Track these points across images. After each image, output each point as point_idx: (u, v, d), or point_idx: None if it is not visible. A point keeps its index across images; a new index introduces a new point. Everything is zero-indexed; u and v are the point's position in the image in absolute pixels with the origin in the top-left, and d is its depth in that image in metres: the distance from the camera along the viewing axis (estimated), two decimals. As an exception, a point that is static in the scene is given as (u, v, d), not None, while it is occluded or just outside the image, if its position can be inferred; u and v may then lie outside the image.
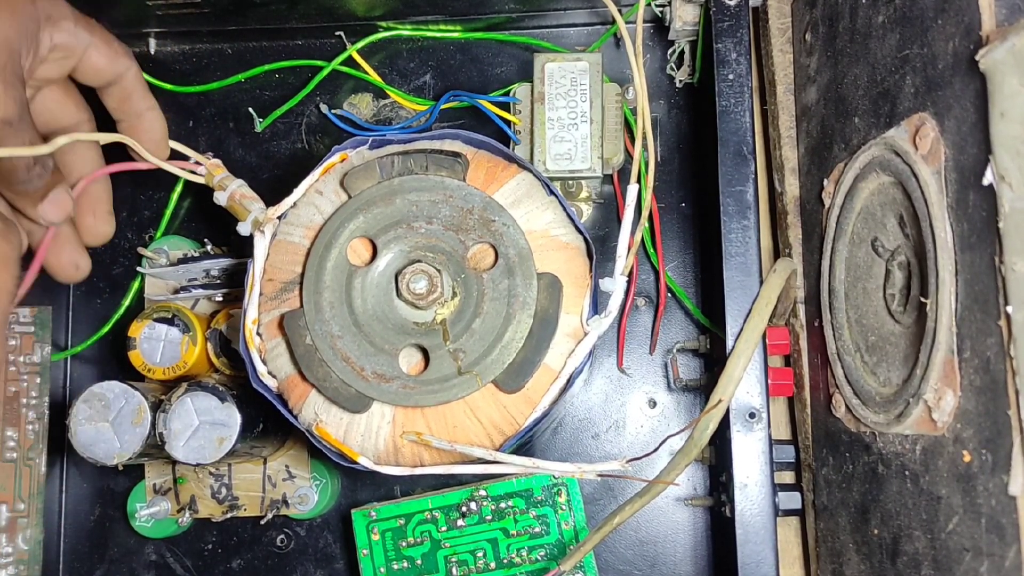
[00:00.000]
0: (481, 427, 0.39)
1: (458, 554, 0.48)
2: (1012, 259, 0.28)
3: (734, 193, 0.44)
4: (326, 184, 0.42)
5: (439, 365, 0.39)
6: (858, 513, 0.41)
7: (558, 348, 0.39)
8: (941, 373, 0.33)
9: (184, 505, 0.51)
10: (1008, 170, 0.28)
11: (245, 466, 0.51)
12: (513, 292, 0.39)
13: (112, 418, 0.45)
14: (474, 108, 0.52)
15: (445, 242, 0.39)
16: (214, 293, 0.52)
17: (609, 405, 0.53)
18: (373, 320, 0.39)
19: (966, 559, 0.32)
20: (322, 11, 0.52)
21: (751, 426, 0.42)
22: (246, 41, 0.56)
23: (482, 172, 0.41)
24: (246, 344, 0.40)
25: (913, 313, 0.37)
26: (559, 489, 0.48)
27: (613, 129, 0.50)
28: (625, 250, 0.40)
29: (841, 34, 0.43)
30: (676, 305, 0.53)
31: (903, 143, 0.36)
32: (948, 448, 0.33)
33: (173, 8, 0.51)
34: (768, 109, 0.52)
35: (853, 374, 0.41)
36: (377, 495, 0.53)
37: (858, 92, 0.41)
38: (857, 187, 0.41)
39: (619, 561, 0.52)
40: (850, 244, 0.42)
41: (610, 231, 0.54)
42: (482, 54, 0.56)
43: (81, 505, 0.54)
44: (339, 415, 0.39)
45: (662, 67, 0.54)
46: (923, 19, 0.35)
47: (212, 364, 0.50)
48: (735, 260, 0.43)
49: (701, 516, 0.52)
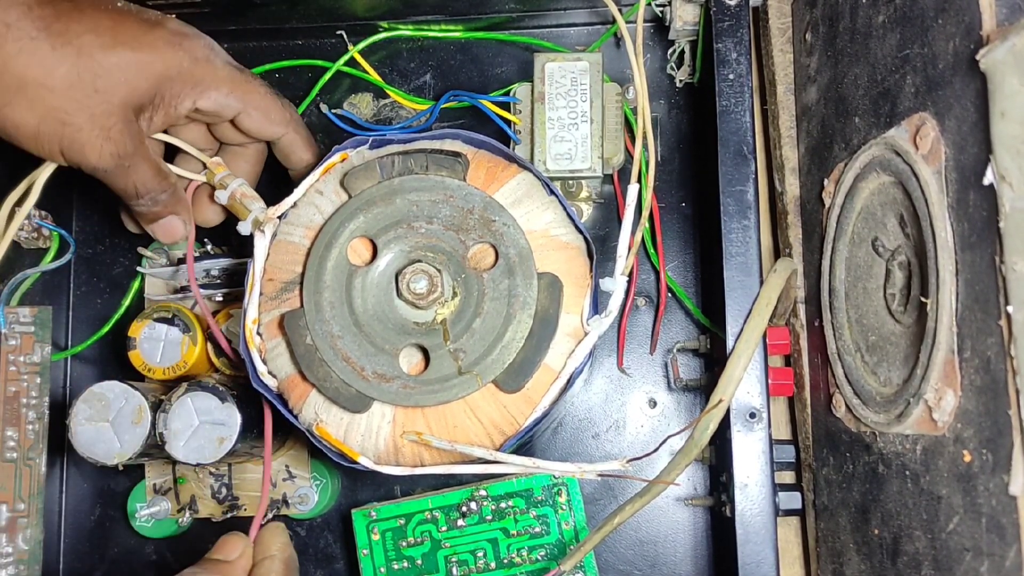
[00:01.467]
0: (481, 427, 0.39)
1: (458, 554, 0.48)
2: (1012, 259, 0.28)
3: (734, 193, 0.44)
4: (326, 184, 0.41)
5: (439, 365, 0.39)
6: (858, 513, 0.41)
7: (558, 348, 0.39)
8: (941, 373, 0.33)
9: (184, 505, 0.51)
10: (1008, 170, 0.28)
11: (245, 466, 0.51)
12: (513, 292, 0.39)
13: (112, 418, 0.45)
14: (474, 108, 0.52)
15: (445, 242, 0.39)
16: (214, 293, 0.52)
17: (609, 405, 0.53)
18: (373, 320, 0.39)
19: (966, 559, 0.32)
20: (322, 11, 0.52)
21: (751, 426, 0.42)
22: (246, 41, 0.56)
23: (482, 172, 0.41)
24: (246, 344, 0.40)
25: (913, 313, 0.37)
26: (559, 489, 0.48)
27: (613, 129, 0.50)
28: (625, 250, 0.40)
29: (841, 34, 0.43)
30: (676, 305, 0.53)
31: (903, 143, 0.36)
32: (948, 448, 0.33)
33: (173, 8, 0.51)
34: (768, 109, 0.52)
35: (853, 374, 0.41)
36: (377, 495, 0.53)
37: (858, 92, 0.41)
38: (857, 187, 0.41)
39: (619, 561, 0.52)
40: (850, 244, 0.42)
41: (610, 231, 0.54)
42: (482, 54, 0.56)
43: (81, 505, 0.54)
44: (339, 415, 0.39)
45: (662, 67, 0.54)
46: (923, 19, 0.35)
47: (212, 364, 0.50)
48: (735, 260, 0.43)
49: (701, 516, 0.52)
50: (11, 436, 0.50)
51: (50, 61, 0.40)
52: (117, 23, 0.42)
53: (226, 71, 0.45)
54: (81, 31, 0.41)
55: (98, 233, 0.56)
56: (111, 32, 0.41)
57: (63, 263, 0.52)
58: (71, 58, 0.40)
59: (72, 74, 0.40)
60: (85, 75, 0.40)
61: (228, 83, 0.44)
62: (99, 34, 0.41)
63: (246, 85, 0.45)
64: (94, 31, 0.41)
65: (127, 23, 0.42)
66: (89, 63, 0.40)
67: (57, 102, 0.40)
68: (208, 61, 0.44)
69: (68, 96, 0.40)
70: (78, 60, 0.40)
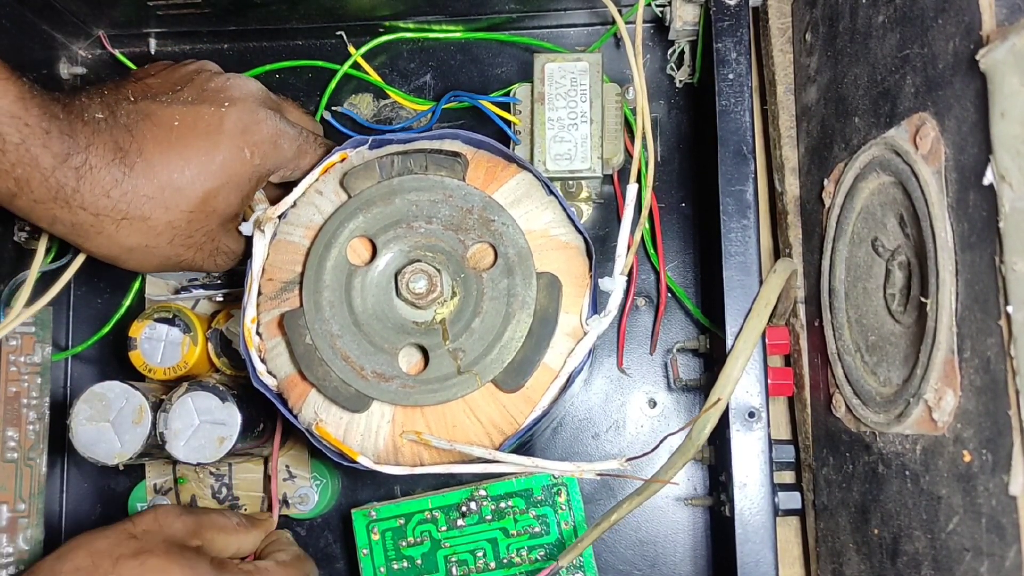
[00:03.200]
0: (481, 426, 0.39)
1: (458, 554, 0.48)
2: (1012, 259, 0.28)
3: (734, 193, 0.44)
4: (326, 184, 0.42)
5: (439, 364, 0.39)
6: (858, 513, 0.41)
7: (557, 347, 0.39)
8: (941, 373, 0.33)
9: (185, 505, 0.51)
10: (1008, 170, 0.28)
11: (245, 466, 0.51)
12: (512, 291, 0.39)
13: (112, 418, 0.45)
14: (474, 108, 0.52)
15: (445, 242, 0.39)
16: (214, 293, 0.52)
17: (609, 405, 0.53)
18: (373, 319, 0.39)
19: (966, 559, 0.32)
20: (323, 11, 0.52)
21: (751, 426, 0.42)
22: (246, 41, 0.56)
23: (482, 172, 0.41)
24: (246, 343, 0.40)
25: (913, 313, 0.37)
26: (559, 489, 0.48)
27: (613, 129, 0.50)
28: (625, 250, 0.40)
29: (841, 34, 0.43)
30: (676, 305, 0.53)
31: (903, 143, 0.36)
32: (948, 448, 0.33)
33: (173, 8, 0.51)
34: (768, 109, 0.52)
35: (853, 374, 0.41)
36: (377, 495, 0.53)
37: (858, 92, 0.41)
38: (857, 187, 0.41)
39: (619, 561, 0.52)
40: (850, 244, 0.42)
41: (610, 231, 0.53)
42: (482, 54, 0.56)
43: (82, 505, 0.54)
44: (339, 414, 0.39)
45: (662, 67, 0.54)
46: (923, 19, 0.35)
47: (212, 364, 0.50)
48: (735, 260, 0.43)
49: (701, 516, 0.52)
50: (12, 436, 0.50)
51: (157, 224, 0.40)
52: (186, 144, 0.40)
53: (292, 150, 0.44)
54: (161, 163, 0.40)
55: (98, 233, 0.56)
56: (195, 162, 0.40)
57: (63, 263, 0.52)
58: (162, 215, 0.40)
59: (180, 224, 0.41)
60: (178, 222, 0.41)
61: (294, 162, 0.44)
62: (184, 164, 0.40)
63: (303, 158, 0.44)
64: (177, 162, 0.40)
65: (197, 142, 0.41)
66: (175, 213, 0.41)
67: (164, 251, 0.41)
68: (277, 148, 0.43)
69: (173, 244, 0.41)
70: (176, 212, 0.40)
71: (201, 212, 0.41)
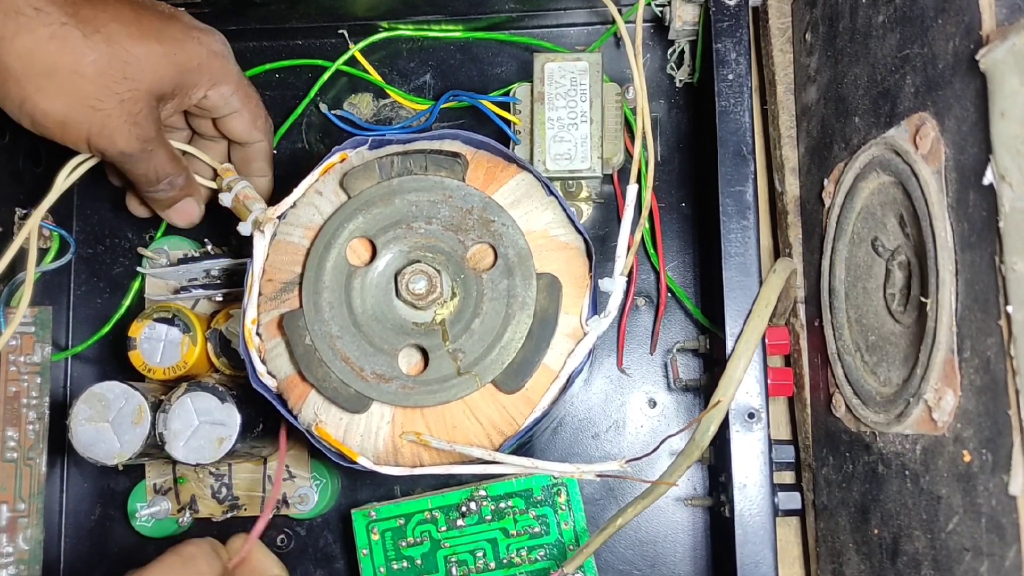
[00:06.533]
0: (480, 427, 0.39)
1: (458, 554, 0.48)
2: (1012, 259, 0.28)
3: (734, 193, 0.44)
4: (326, 184, 0.41)
5: (438, 365, 0.39)
6: (858, 513, 0.41)
7: (557, 348, 0.39)
8: (941, 373, 0.33)
9: (184, 505, 0.51)
10: (1008, 170, 0.28)
11: (245, 466, 0.51)
12: (512, 292, 0.39)
13: (112, 418, 0.45)
14: (474, 108, 0.52)
15: (444, 242, 0.39)
16: (214, 293, 0.52)
17: (609, 405, 0.53)
18: (372, 320, 0.39)
19: (966, 559, 0.32)
20: (322, 11, 0.52)
21: (750, 426, 0.42)
22: (246, 41, 0.56)
23: (481, 172, 0.41)
24: (245, 344, 0.40)
25: (913, 313, 0.37)
26: (559, 489, 0.48)
27: (613, 129, 0.50)
28: (625, 250, 0.40)
29: (841, 34, 0.43)
30: (676, 305, 0.53)
31: (903, 143, 0.36)
32: (948, 448, 0.33)
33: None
34: (768, 109, 0.52)
35: (853, 374, 0.41)
36: (377, 495, 0.53)
37: (858, 92, 0.41)
38: (857, 187, 0.41)
39: (619, 561, 0.52)
40: (850, 244, 0.42)
41: (610, 231, 0.53)
42: (482, 54, 0.56)
43: (81, 505, 0.54)
44: (338, 415, 0.39)
45: (662, 67, 0.54)
46: (923, 19, 0.35)
47: (212, 364, 0.50)
48: (735, 260, 0.43)
49: (701, 516, 0.52)
50: (11, 436, 0.50)
51: (81, 47, 0.40)
52: (139, 14, 0.43)
53: (236, 70, 0.46)
54: (107, 19, 0.41)
55: (98, 233, 0.56)
56: (135, 22, 0.42)
57: (63, 263, 0.52)
58: (101, 45, 0.41)
59: (103, 61, 0.41)
60: (115, 63, 0.41)
61: (236, 81, 0.46)
62: (124, 23, 0.42)
63: (249, 88, 0.47)
64: (119, 20, 0.41)
65: (147, 14, 0.43)
66: (118, 51, 0.41)
67: (88, 88, 0.41)
68: (223, 57, 0.46)
69: (98, 83, 0.41)
70: (108, 48, 0.41)
71: (138, 66, 0.41)
